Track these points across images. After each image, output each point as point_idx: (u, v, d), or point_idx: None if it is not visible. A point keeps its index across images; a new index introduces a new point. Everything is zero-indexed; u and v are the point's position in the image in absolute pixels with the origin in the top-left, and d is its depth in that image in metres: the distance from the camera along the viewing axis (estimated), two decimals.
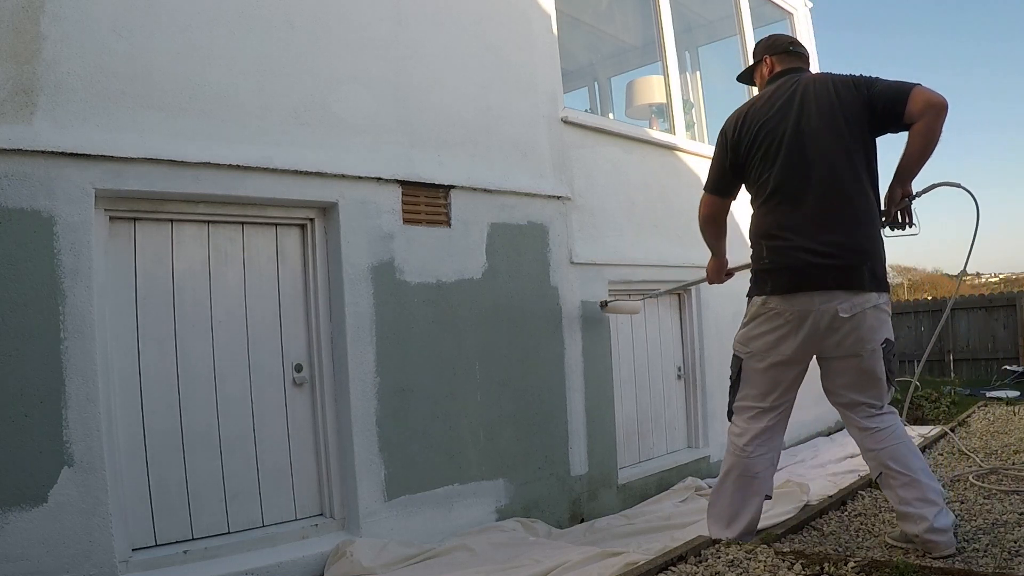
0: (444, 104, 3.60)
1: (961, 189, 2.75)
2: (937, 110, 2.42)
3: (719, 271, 3.20)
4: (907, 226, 2.69)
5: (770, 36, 2.96)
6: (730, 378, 2.83)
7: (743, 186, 2.80)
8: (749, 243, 2.72)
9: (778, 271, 2.56)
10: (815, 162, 2.52)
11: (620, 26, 6.13)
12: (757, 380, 2.68)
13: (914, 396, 6.59)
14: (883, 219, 2.62)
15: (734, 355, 2.78)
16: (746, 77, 3.00)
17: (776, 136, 2.57)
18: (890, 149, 2.68)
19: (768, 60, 2.84)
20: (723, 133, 2.78)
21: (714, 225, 2.96)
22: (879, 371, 2.55)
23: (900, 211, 2.64)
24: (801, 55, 2.84)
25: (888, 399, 2.62)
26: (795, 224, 2.53)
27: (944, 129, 2.43)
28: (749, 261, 2.75)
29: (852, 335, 2.51)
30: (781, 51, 2.83)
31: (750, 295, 2.70)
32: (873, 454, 2.58)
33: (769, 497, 2.77)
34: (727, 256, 3.15)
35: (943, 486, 3.42)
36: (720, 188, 2.83)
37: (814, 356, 2.65)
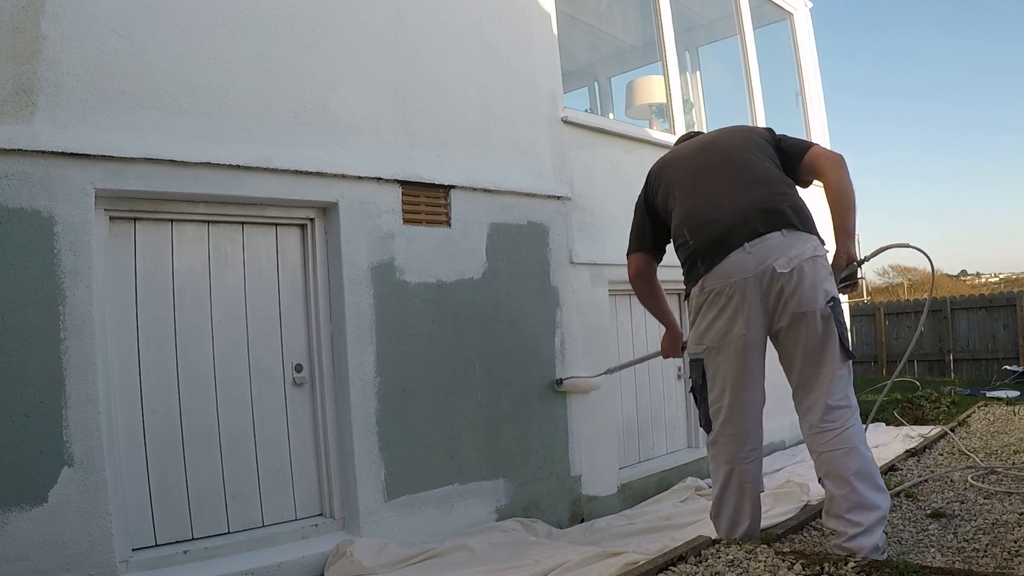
0: (444, 104, 3.60)
1: (912, 248, 2.84)
2: (836, 161, 2.64)
3: (674, 344, 3.29)
4: (851, 288, 2.75)
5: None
6: (692, 389, 2.74)
7: (663, 237, 2.90)
8: (675, 249, 2.74)
9: (705, 244, 2.55)
10: (715, 156, 2.71)
11: (620, 26, 6.13)
12: (723, 374, 2.56)
13: (914, 396, 6.59)
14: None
15: (692, 360, 2.69)
16: None
17: (681, 161, 2.83)
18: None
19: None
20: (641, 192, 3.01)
21: (644, 283, 3.01)
22: (831, 332, 2.45)
23: (846, 276, 2.64)
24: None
25: (849, 368, 2.51)
26: (706, 202, 2.62)
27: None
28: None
29: (796, 293, 2.43)
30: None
31: (688, 293, 2.66)
32: (815, 456, 2.51)
33: (762, 490, 2.73)
34: (680, 328, 3.26)
35: (939, 483, 3.42)
36: (637, 243, 2.96)
37: (769, 338, 2.58)
